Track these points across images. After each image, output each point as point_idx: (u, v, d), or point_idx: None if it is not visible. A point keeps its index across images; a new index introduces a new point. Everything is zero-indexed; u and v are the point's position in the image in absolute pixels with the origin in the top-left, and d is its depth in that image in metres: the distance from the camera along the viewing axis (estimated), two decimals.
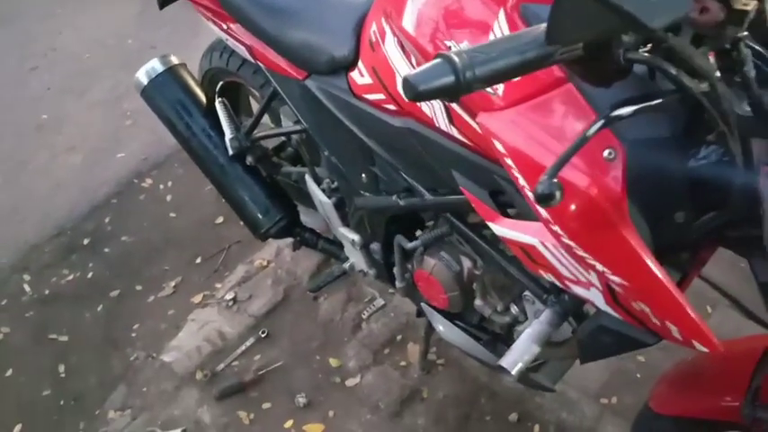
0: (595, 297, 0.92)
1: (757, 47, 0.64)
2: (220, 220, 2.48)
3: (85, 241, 2.46)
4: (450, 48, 0.91)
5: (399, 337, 1.96)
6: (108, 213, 2.56)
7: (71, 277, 2.34)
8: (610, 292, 0.88)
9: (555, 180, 0.58)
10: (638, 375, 1.77)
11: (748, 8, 0.51)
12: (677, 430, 1.13)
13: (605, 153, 0.79)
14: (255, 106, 2.05)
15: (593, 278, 0.89)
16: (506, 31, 0.88)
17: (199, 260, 2.34)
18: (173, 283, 2.26)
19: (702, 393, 1.07)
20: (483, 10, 0.90)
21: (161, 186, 2.67)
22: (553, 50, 0.55)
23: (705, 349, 0.83)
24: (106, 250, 2.42)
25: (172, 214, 2.54)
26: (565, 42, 0.54)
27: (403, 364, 1.89)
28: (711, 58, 0.60)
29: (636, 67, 0.65)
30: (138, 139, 2.87)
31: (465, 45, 0.90)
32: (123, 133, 2.92)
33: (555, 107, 0.84)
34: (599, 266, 0.83)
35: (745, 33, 0.59)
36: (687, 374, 1.13)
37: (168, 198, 2.61)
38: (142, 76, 1.70)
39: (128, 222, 2.52)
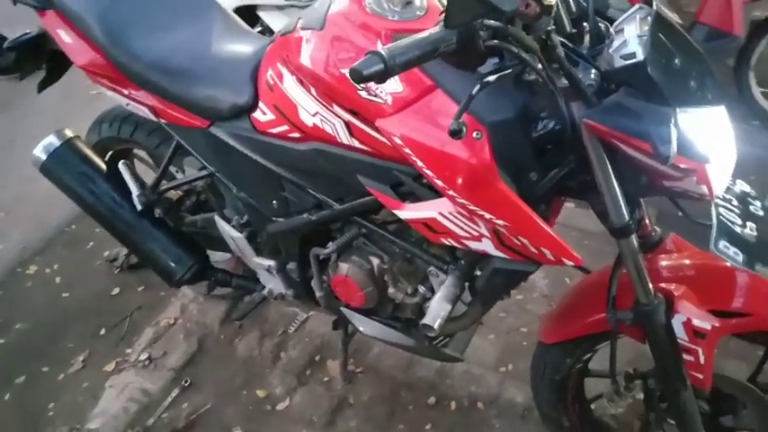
0: (487, 245, 1.19)
1: (560, 38, 0.96)
2: (116, 291, 2.53)
3: None
4: (342, 74, 1.17)
5: (318, 357, 2.14)
6: None
7: None
8: (497, 237, 1.16)
9: (460, 121, 0.85)
10: (525, 343, 2.08)
11: (552, 3, 0.81)
12: (565, 353, 1.42)
13: (474, 134, 1.08)
14: (142, 168, 2.18)
15: (483, 229, 1.16)
16: None
17: (103, 331, 2.36)
18: (81, 358, 2.27)
19: (576, 316, 1.37)
20: (364, 41, 1.17)
21: (47, 270, 2.66)
22: (442, 43, 0.83)
23: (572, 263, 1.13)
24: (1, 341, 2.37)
25: (65, 294, 2.54)
26: (455, 25, 0.81)
27: (326, 379, 2.07)
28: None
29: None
30: (15, 230, 2.85)
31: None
32: None
33: (431, 106, 1.12)
34: (487, 215, 1.11)
35: (553, 27, 0.90)
36: (563, 307, 1.44)
37: (57, 280, 2.61)
38: (40, 153, 1.78)
39: (19, 310, 2.48)
